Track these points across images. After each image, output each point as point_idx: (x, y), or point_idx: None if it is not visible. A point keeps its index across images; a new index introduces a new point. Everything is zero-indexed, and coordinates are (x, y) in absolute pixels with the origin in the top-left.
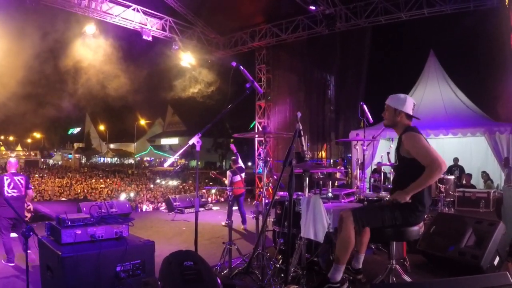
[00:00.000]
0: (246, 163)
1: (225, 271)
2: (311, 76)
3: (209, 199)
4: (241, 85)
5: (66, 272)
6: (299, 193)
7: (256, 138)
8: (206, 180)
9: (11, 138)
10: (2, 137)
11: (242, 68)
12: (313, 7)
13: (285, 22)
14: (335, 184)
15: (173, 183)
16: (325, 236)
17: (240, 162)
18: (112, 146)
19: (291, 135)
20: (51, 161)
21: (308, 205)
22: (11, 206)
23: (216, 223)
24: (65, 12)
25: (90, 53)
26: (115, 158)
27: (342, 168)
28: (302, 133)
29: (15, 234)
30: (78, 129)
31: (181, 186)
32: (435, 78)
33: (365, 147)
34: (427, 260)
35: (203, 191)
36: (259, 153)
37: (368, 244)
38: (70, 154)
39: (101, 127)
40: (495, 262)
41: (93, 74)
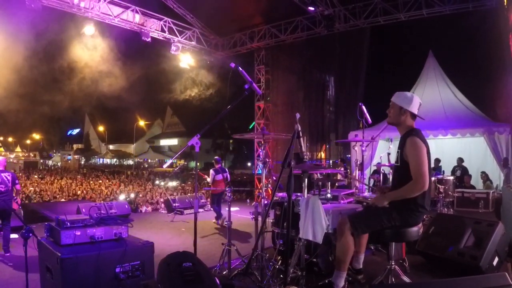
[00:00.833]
0: (246, 164)
1: (225, 272)
2: (310, 77)
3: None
4: (240, 86)
5: (66, 273)
6: (298, 194)
7: (255, 139)
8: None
9: (10, 139)
10: (1, 138)
11: (241, 69)
12: (312, 8)
13: (284, 23)
14: (335, 185)
15: (173, 184)
16: (324, 237)
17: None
18: (111, 147)
19: (290, 136)
20: (50, 162)
21: (307, 206)
22: None
23: (216, 224)
24: (64, 13)
25: (89, 54)
26: (114, 159)
27: (342, 169)
28: (301, 134)
29: (16, 235)
30: (77, 130)
31: (181, 187)
32: (434, 79)
33: (364, 148)
34: (426, 261)
35: (202, 192)
36: (258, 154)
37: (367, 245)
38: (69, 155)
39: (100, 128)
40: (494, 263)
41: (92, 75)
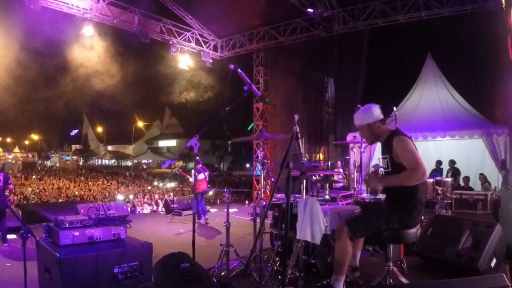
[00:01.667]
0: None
1: (223, 273)
2: (309, 79)
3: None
4: (239, 88)
5: (64, 274)
6: (297, 195)
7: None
8: None
9: (9, 140)
10: (0, 139)
11: (240, 71)
12: (311, 10)
13: (283, 25)
14: (332, 186)
15: (171, 185)
16: (322, 238)
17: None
18: (110, 148)
19: (289, 138)
20: (49, 163)
21: (305, 207)
22: None
23: (214, 225)
24: (64, 14)
25: (88, 55)
26: (113, 160)
27: (341, 170)
28: (300, 136)
29: (14, 236)
30: (76, 131)
31: (179, 188)
32: (433, 81)
33: (363, 150)
34: (424, 262)
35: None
36: (257, 156)
37: (365, 246)
38: (68, 156)
39: (99, 129)
40: (492, 264)
41: (91, 76)
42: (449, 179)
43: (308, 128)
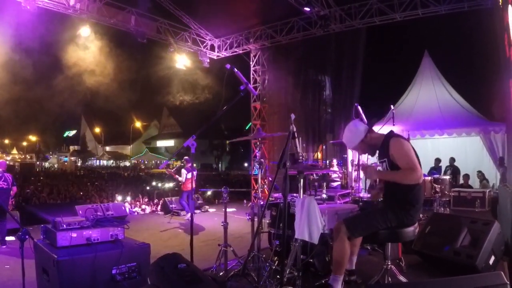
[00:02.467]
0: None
1: (221, 273)
2: (306, 78)
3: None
4: (237, 87)
5: (62, 275)
6: (294, 195)
7: (252, 140)
8: (202, 182)
9: (7, 141)
10: None
11: (236, 71)
12: (308, 9)
13: (280, 24)
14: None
15: (169, 186)
16: (320, 238)
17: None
18: (108, 149)
19: (286, 136)
20: (47, 164)
21: (303, 207)
22: None
23: (212, 225)
24: (60, 15)
25: (85, 56)
26: (111, 161)
27: (336, 169)
28: (296, 135)
29: (12, 237)
30: (74, 132)
31: (177, 189)
32: (430, 79)
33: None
34: (423, 260)
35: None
36: (255, 155)
37: (363, 245)
38: (66, 157)
39: (97, 130)
40: (490, 262)
41: (88, 77)
42: (447, 177)
43: (306, 127)
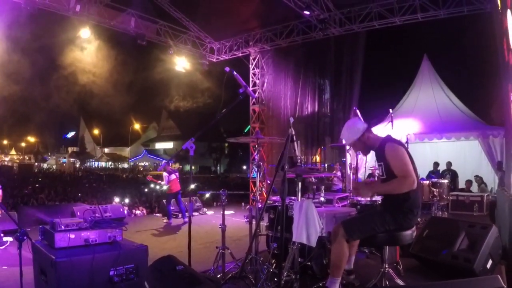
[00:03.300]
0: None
1: (219, 275)
2: (306, 81)
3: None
4: (236, 90)
5: (60, 276)
6: (292, 198)
7: (250, 143)
8: (201, 185)
9: (5, 142)
10: None
11: (235, 74)
12: (307, 12)
13: (280, 27)
14: (331, 189)
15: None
16: (318, 241)
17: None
18: (107, 150)
19: (284, 140)
20: (45, 165)
21: (301, 210)
22: None
23: (210, 228)
24: (60, 16)
25: (85, 58)
26: (110, 163)
27: (339, 173)
28: (295, 138)
29: (10, 238)
30: (73, 133)
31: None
32: (429, 83)
33: (359, 152)
34: (420, 264)
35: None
36: (254, 158)
37: (361, 248)
38: (65, 158)
39: (96, 131)
40: (488, 265)
41: (87, 78)
42: (446, 181)
43: (305, 130)
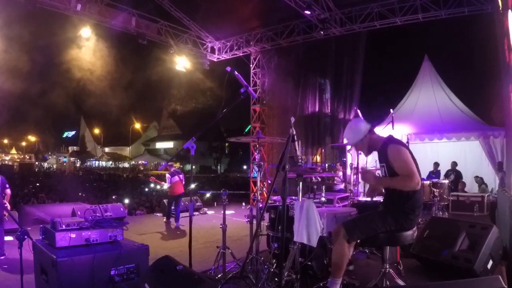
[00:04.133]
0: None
1: (219, 275)
2: (306, 81)
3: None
4: (237, 90)
5: (61, 276)
6: (293, 198)
7: (251, 143)
8: (201, 184)
9: (6, 141)
10: None
11: (236, 73)
12: (308, 12)
13: (281, 27)
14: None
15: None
16: (319, 241)
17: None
18: (107, 150)
19: (284, 141)
20: (46, 165)
21: (301, 210)
22: None
23: (211, 227)
24: (61, 15)
25: (86, 57)
26: (110, 162)
27: (340, 173)
28: (296, 138)
29: (11, 237)
30: (73, 133)
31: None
32: (430, 83)
33: (359, 152)
34: (421, 264)
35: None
36: (254, 158)
37: (362, 248)
38: (65, 158)
39: (96, 131)
40: (489, 266)
41: (87, 78)
42: (446, 181)
43: (305, 130)
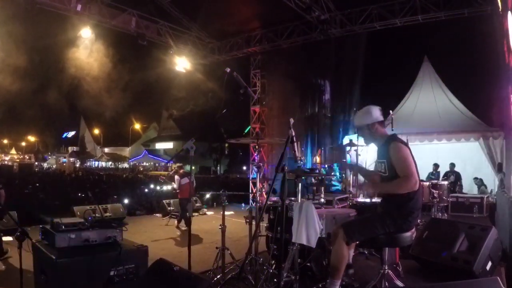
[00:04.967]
0: (241, 168)
1: (218, 276)
2: (306, 82)
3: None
4: (236, 90)
5: (60, 276)
6: (292, 199)
7: (251, 144)
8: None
9: (5, 141)
10: None
11: (236, 74)
12: (308, 13)
13: (280, 28)
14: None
15: (168, 188)
16: (318, 241)
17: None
18: (107, 150)
19: (285, 141)
20: (46, 165)
21: (300, 211)
22: None
23: (210, 228)
24: (61, 16)
25: (85, 57)
26: (110, 162)
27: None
28: (295, 139)
29: (10, 238)
30: (73, 133)
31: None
32: (429, 84)
33: (359, 153)
34: (420, 265)
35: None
36: (254, 159)
37: (361, 249)
38: (65, 158)
39: (96, 131)
40: (488, 267)
41: (87, 78)
42: (445, 183)
43: (305, 131)
